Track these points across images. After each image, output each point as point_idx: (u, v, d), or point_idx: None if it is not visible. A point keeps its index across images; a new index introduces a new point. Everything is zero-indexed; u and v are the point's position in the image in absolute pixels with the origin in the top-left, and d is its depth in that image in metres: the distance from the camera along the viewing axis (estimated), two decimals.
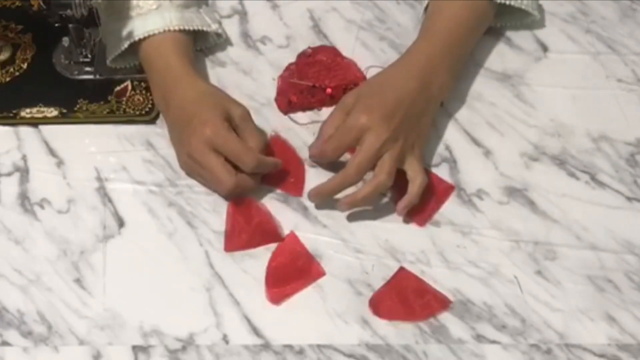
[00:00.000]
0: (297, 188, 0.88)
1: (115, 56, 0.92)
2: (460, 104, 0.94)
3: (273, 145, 0.90)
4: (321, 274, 0.82)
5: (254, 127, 0.86)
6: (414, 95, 0.85)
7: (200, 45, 0.97)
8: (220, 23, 0.99)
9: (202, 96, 0.86)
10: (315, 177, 0.88)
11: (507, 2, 0.93)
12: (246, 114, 0.86)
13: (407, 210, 0.84)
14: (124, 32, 0.90)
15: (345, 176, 0.83)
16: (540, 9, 1.00)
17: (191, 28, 0.92)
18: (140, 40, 0.90)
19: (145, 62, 0.91)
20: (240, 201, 0.86)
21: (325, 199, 0.85)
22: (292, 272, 0.82)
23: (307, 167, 0.89)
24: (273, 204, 0.87)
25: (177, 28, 0.90)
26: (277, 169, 0.86)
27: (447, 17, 0.90)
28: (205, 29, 0.93)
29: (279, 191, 0.88)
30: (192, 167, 0.85)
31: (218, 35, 0.97)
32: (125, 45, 0.90)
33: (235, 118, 0.85)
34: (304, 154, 0.90)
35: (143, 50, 0.91)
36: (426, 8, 0.94)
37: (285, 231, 0.85)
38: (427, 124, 0.88)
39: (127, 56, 0.93)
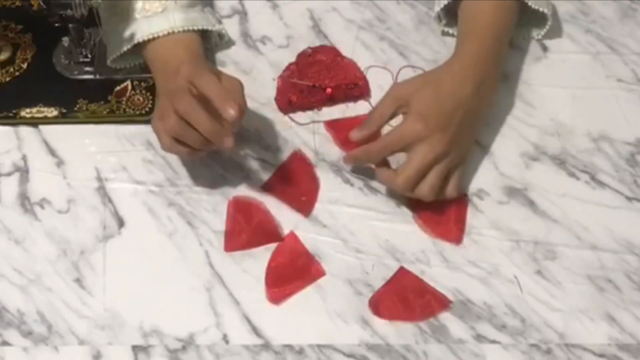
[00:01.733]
0: (307, 207, 0.86)
1: (116, 56, 0.92)
2: None
3: (293, 161, 0.89)
4: (321, 273, 0.82)
5: (241, 91, 0.82)
6: (469, 101, 0.83)
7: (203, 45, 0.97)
8: (221, 24, 0.99)
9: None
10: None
11: (531, 4, 0.91)
12: (238, 83, 0.82)
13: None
14: (128, 33, 0.90)
15: (393, 185, 0.82)
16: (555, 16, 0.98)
17: (196, 28, 0.91)
18: (145, 42, 0.90)
19: (155, 63, 0.90)
20: (241, 201, 0.86)
21: None
22: (292, 272, 0.82)
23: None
24: (273, 203, 0.87)
25: (181, 29, 0.90)
26: (240, 112, 0.77)
27: (489, 15, 0.88)
28: (210, 28, 0.93)
29: None
30: (167, 110, 0.80)
31: (221, 36, 0.97)
32: (129, 45, 0.90)
33: (224, 81, 0.82)
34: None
35: (151, 52, 0.90)
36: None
37: (285, 231, 0.85)
38: (478, 130, 0.88)
39: (128, 56, 0.93)
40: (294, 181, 0.88)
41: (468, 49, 0.87)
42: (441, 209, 0.85)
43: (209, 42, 0.97)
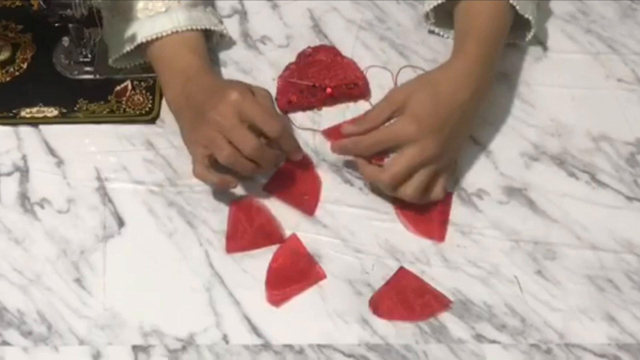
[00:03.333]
0: (310, 206, 0.86)
1: (118, 56, 0.92)
2: None
3: (293, 160, 0.89)
4: (322, 277, 0.82)
5: (274, 106, 0.86)
6: (464, 108, 0.83)
7: None
8: (222, 23, 0.99)
9: (226, 81, 0.89)
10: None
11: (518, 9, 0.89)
12: (268, 93, 0.86)
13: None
14: (131, 33, 0.90)
15: (377, 181, 0.82)
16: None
17: (199, 27, 0.91)
18: (149, 42, 0.90)
19: (158, 63, 0.90)
20: (243, 203, 0.86)
21: None
22: (293, 275, 0.82)
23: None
24: (274, 203, 0.87)
25: (185, 28, 0.90)
26: (296, 150, 0.86)
27: (488, 16, 0.88)
28: (212, 28, 0.93)
29: None
30: (213, 136, 0.82)
31: (222, 35, 0.97)
32: (133, 46, 0.90)
33: (257, 95, 0.84)
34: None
35: (155, 52, 0.90)
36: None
37: (287, 232, 0.85)
38: (467, 135, 0.88)
39: (130, 56, 0.93)
40: (296, 180, 0.88)
41: (469, 50, 0.86)
42: (425, 206, 0.85)
43: (210, 42, 0.97)
